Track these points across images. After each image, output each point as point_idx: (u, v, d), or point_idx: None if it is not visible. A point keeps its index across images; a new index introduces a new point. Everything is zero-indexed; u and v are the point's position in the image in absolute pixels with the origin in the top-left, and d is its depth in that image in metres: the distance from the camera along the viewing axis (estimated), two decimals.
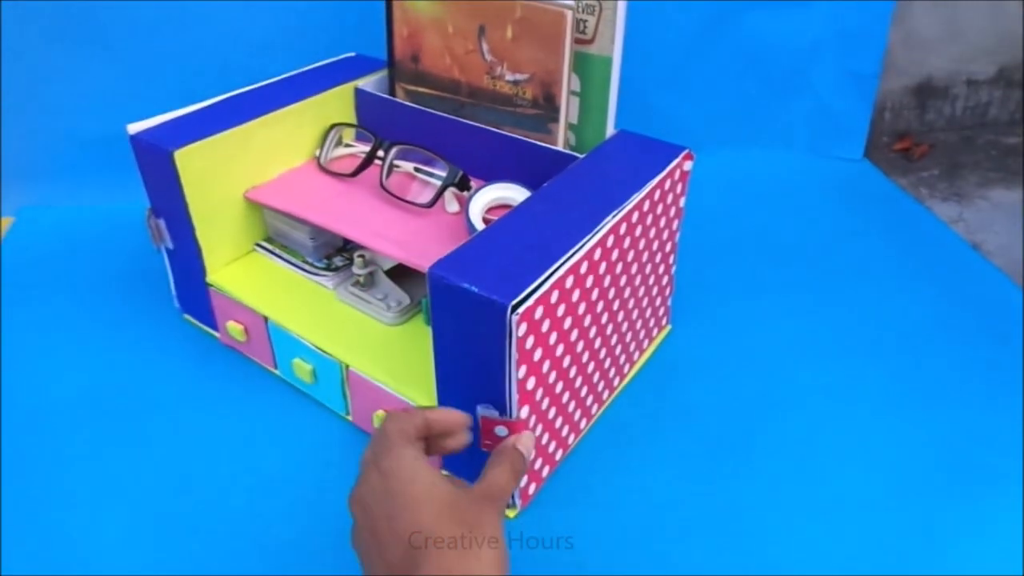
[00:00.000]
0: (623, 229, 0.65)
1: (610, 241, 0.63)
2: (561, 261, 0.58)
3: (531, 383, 0.59)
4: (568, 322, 0.61)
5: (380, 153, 0.79)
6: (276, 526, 0.65)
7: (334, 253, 0.82)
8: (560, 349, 0.62)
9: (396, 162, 0.80)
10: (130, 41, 1.01)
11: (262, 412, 0.75)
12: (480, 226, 0.69)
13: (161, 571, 0.61)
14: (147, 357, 0.82)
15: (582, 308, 0.63)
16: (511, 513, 0.65)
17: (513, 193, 0.71)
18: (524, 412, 0.60)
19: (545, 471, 0.68)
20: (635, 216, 0.66)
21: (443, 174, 0.75)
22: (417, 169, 0.80)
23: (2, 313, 0.88)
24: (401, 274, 0.76)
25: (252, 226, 0.83)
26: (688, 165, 0.73)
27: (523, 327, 0.55)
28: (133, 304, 0.89)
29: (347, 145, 0.85)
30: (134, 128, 0.76)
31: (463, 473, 0.58)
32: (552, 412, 0.65)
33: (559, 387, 0.64)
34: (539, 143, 0.75)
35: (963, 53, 1.25)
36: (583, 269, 0.61)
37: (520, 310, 0.54)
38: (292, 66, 0.89)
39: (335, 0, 1.03)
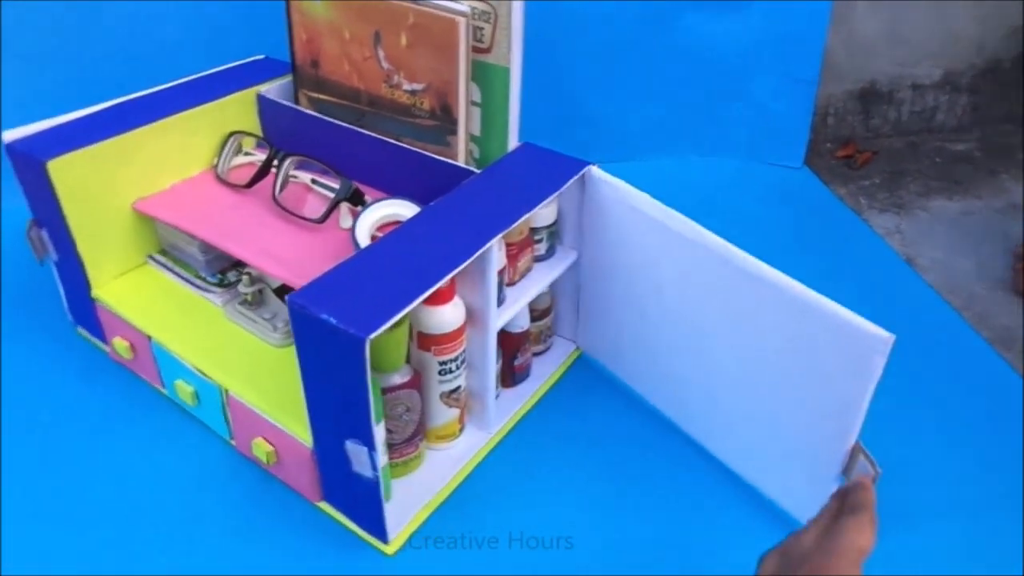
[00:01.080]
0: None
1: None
2: (433, 289, 0.55)
3: None
4: None
5: (276, 163, 0.75)
6: (140, 549, 0.61)
7: (228, 268, 0.78)
8: None
9: (294, 173, 0.77)
10: (29, 41, 0.96)
11: (144, 432, 0.72)
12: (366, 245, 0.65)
13: None
14: (35, 370, 0.78)
15: None
16: (389, 550, 0.62)
17: (404, 210, 0.68)
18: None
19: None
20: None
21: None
22: (314, 181, 0.76)
23: None
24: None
25: (143, 238, 0.79)
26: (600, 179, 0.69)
27: None
28: (28, 314, 0.85)
29: (247, 154, 0.81)
30: (9, 136, 0.72)
31: None
32: None
33: None
34: (436, 156, 0.71)
35: (907, 56, 1.22)
36: None
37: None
38: (202, 69, 0.85)
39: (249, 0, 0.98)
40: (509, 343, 0.73)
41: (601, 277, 0.74)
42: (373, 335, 0.50)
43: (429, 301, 0.61)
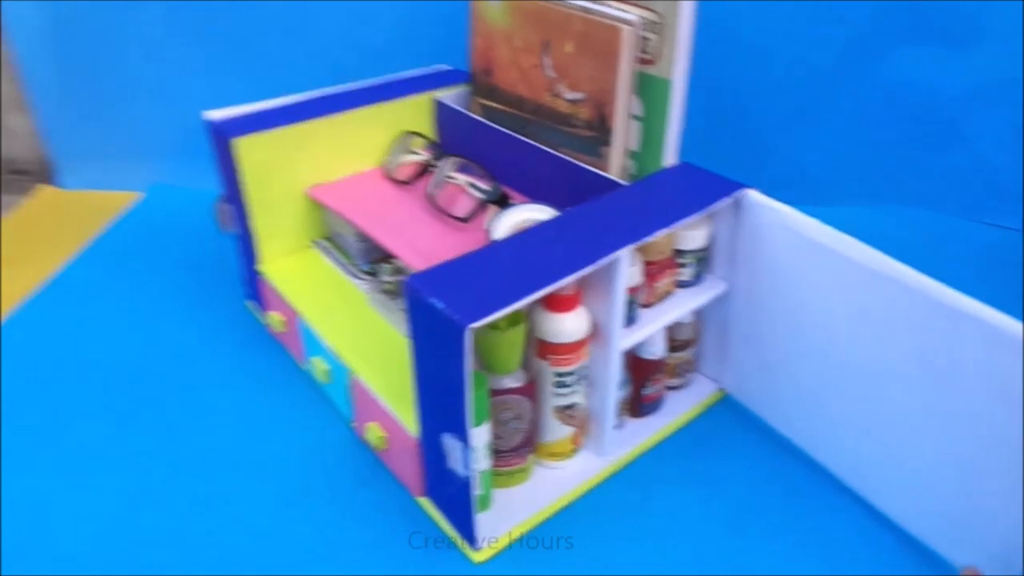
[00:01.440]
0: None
1: None
2: (549, 289, 0.53)
3: None
4: None
5: (436, 163, 0.77)
6: (247, 520, 0.64)
7: (381, 258, 0.81)
8: None
9: (453, 175, 0.78)
10: (255, 41, 1.07)
11: (279, 402, 0.76)
12: None
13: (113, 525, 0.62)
14: (198, 335, 0.85)
15: None
16: (479, 557, 0.60)
17: (543, 215, 0.66)
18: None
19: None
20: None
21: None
22: (470, 184, 0.77)
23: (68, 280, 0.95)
24: None
25: (312, 223, 0.84)
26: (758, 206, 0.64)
27: None
28: (209, 285, 0.93)
29: (415, 153, 0.84)
30: (210, 115, 0.79)
31: None
32: None
33: None
34: (588, 167, 0.70)
35: None
36: None
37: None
38: (401, 73, 0.90)
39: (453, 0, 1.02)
40: (640, 369, 0.69)
41: (754, 312, 0.68)
42: (475, 324, 0.49)
43: (551, 307, 0.59)
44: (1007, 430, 0.51)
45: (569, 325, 0.60)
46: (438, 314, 0.51)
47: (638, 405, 0.71)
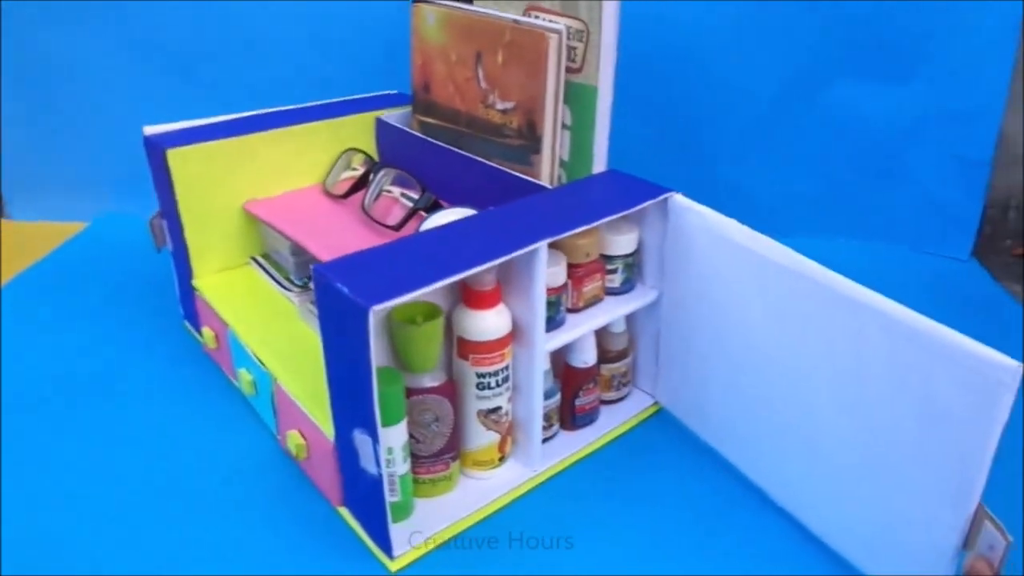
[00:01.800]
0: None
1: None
2: (458, 276, 0.52)
3: None
4: None
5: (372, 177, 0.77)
6: (160, 531, 0.61)
7: None
8: None
9: (388, 188, 0.78)
10: (207, 72, 1.08)
11: (205, 417, 0.73)
12: None
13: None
14: (131, 353, 0.83)
15: None
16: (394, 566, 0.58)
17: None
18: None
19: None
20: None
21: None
22: (403, 195, 0.77)
23: (0, 307, 0.94)
24: None
25: (249, 239, 0.83)
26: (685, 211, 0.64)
27: None
28: (147, 308, 0.91)
29: (353, 169, 0.84)
30: (149, 130, 0.79)
31: None
32: None
33: None
34: (518, 175, 0.70)
35: None
36: None
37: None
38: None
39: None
40: (571, 378, 0.68)
41: (683, 320, 0.68)
42: (379, 306, 0.48)
43: (470, 303, 0.58)
44: (913, 429, 0.49)
45: (489, 323, 0.59)
46: (343, 299, 0.50)
47: (570, 416, 0.69)
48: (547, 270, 0.59)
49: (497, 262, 0.54)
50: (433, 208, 0.71)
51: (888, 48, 0.96)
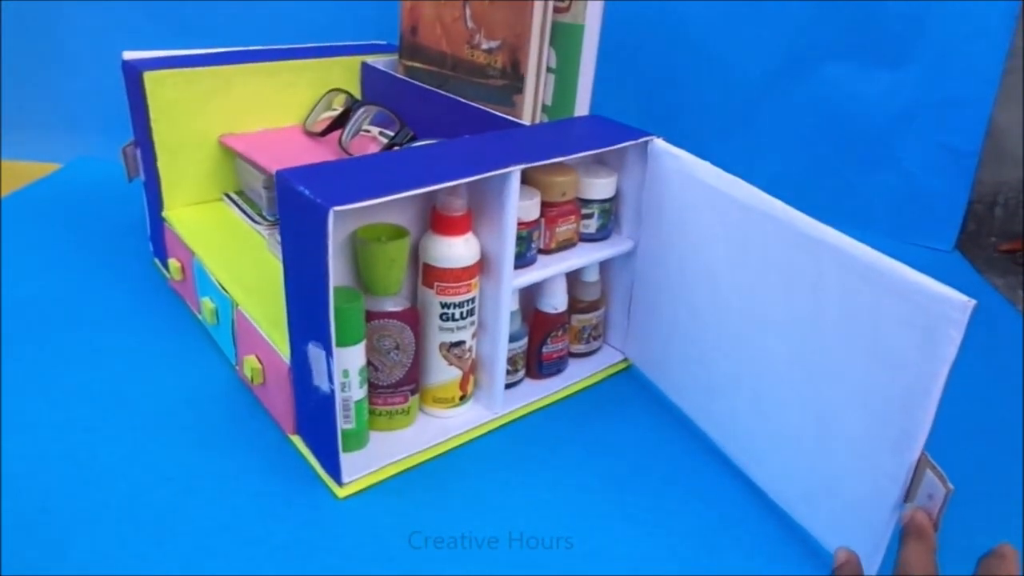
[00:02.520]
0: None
1: None
2: (425, 189, 0.51)
3: None
4: None
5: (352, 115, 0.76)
6: (110, 455, 0.59)
7: None
8: None
9: (367, 128, 0.77)
10: (197, 19, 1.07)
11: (165, 350, 0.71)
12: None
13: None
14: (95, 287, 0.81)
15: None
16: (341, 492, 0.56)
17: None
18: None
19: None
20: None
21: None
22: (382, 133, 0.76)
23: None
24: None
25: (224, 175, 0.82)
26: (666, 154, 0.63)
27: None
28: (116, 247, 0.89)
29: (334, 109, 0.82)
30: (128, 55, 0.78)
31: None
32: None
33: None
34: (500, 115, 0.68)
35: None
36: None
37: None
38: None
39: None
40: (539, 323, 0.67)
41: (655, 273, 0.66)
42: (340, 207, 0.47)
43: (437, 228, 0.57)
44: (861, 374, 0.47)
45: (457, 250, 0.57)
46: (304, 200, 0.48)
47: (537, 363, 0.68)
48: (519, 203, 0.57)
49: (466, 180, 0.53)
50: (410, 143, 0.70)
51: (881, 31, 0.95)
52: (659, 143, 0.63)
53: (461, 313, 0.59)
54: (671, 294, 0.64)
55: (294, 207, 0.50)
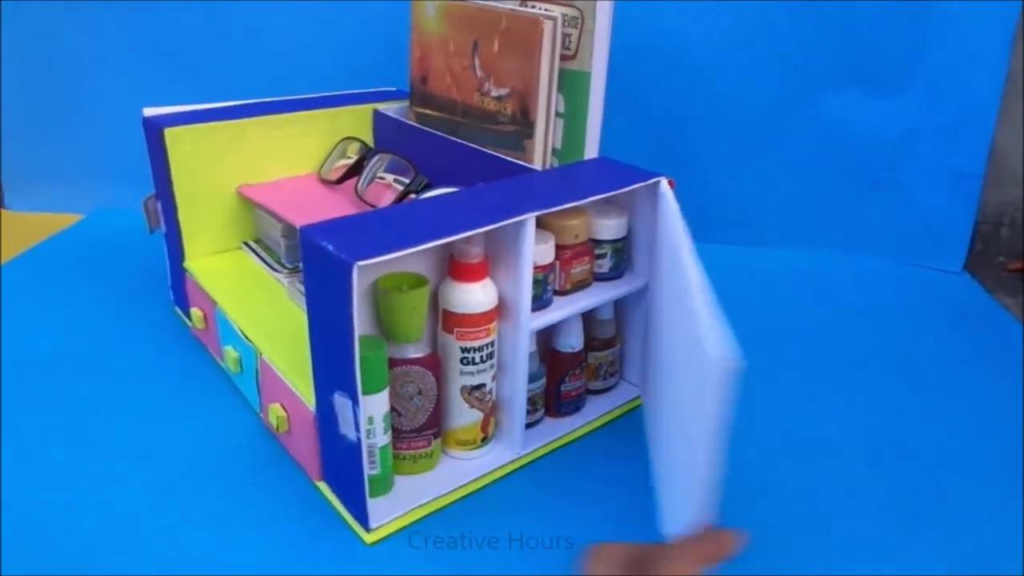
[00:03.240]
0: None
1: None
2: (444, 240, 0.52)
3: None
4: None
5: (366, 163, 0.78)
6: (137, 505, 0.61)
7: None
8: None
9: (382, 175, 0.79)
10: (210, 68, 1.10)
11: (191, 397, 0.73)
12: None
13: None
14: (118, 336, 0.83)
15: None
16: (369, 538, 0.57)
17: None
18: None
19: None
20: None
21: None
22: (396, 180, 0.78)
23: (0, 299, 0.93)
24: None
25: (242, 224, 0.84)
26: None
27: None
28: (138, 295, 0.91)
29: (348, 157, 0.84)
30: (149, 112, 0.80)
31: None
32: None
33: None
34: (511, 160, 0.70)
35: None
36: None
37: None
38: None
39: None
40: (556, 363, 0.68)
41: (661, 310, 0.67)
42: (363, 262, 0.48)
43: (456, 275, 0.59)
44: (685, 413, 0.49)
45: (475, 296, 0.59)
46: (328, 256, 0.50)
47: (555, 402, 0.69)
48: (535, 247, 0.59)
49: (484, 229, 0.54)
50: (424, 190, 0.71)
51: (881, 59, 0.97)
52: (664, 185, 0.65)
53: (481, 357, 0.60)
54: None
55: (318, 262, 0.52)
